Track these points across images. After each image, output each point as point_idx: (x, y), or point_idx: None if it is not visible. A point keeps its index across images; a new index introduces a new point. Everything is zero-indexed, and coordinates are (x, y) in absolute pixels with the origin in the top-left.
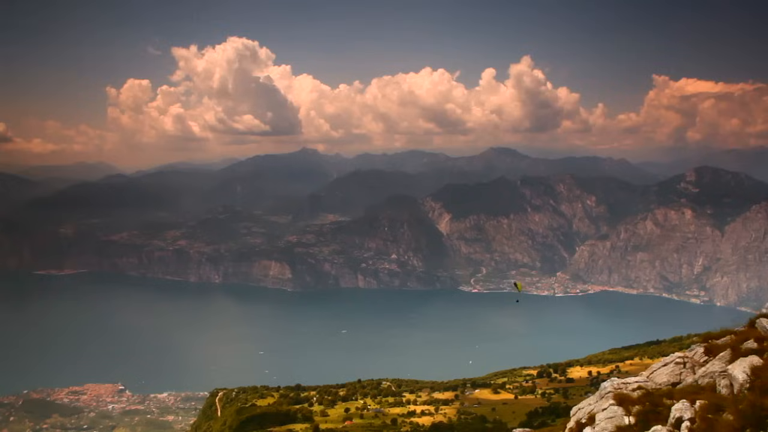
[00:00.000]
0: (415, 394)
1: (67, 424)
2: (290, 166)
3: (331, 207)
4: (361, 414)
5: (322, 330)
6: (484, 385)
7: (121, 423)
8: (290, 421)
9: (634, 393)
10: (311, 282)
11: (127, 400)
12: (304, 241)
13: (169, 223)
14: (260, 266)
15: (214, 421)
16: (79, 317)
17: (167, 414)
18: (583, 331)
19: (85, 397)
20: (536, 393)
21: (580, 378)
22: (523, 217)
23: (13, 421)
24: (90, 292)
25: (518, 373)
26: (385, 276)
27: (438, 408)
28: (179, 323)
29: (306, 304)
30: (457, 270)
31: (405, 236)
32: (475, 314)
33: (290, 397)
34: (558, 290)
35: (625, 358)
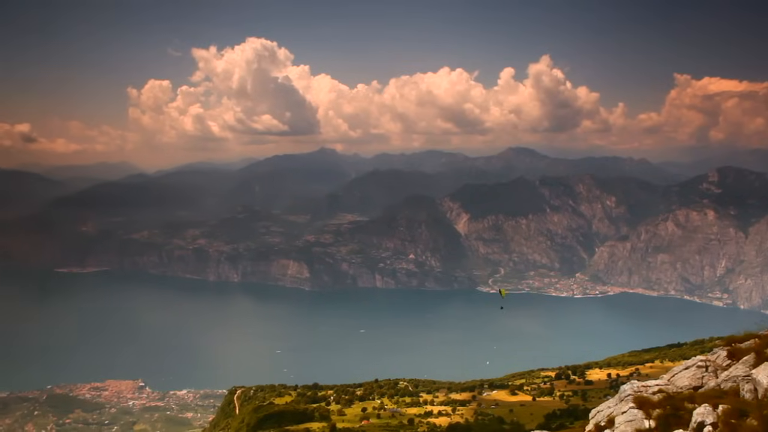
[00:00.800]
0: (432, 394)
1: (89, 419)
2: (309, 166)
3: (349, 207)
4: (378, 414)
5: (340, 329)
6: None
7: (141, 419)
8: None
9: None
10: (329, 281)
11: (147, 397)
12: (322, 240)
13: (188, 222)
14: (278, 265)
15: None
16: (101, 315)
17: (186, 411)
18: (602, 333)
19: (106, 393)
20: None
21: (599, 380)
22: (541, 218)
23: (37, 416)
24: (111, 290)
25: (536, 374)
26: (403, 276)
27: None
28: (198, 321)
29: (323, 303)
30: (475, 270)
31: (423, 236)
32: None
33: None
34: (577, 291)
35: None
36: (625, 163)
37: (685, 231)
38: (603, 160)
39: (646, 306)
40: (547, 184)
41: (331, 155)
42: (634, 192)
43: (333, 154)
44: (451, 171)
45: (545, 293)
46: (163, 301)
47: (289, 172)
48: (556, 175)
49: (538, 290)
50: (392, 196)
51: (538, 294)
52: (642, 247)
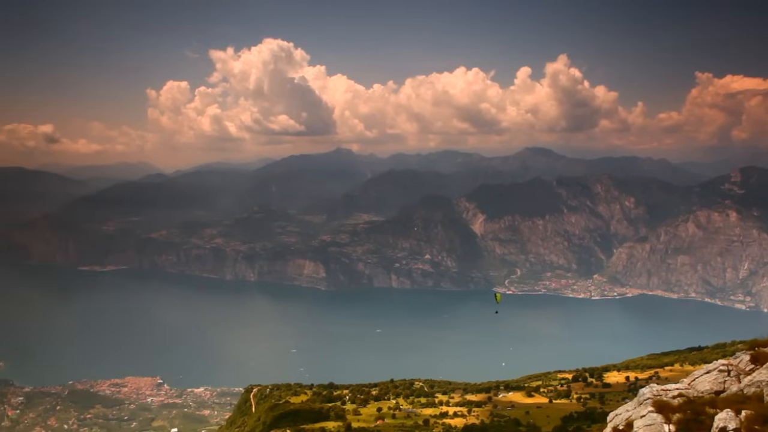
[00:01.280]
0: (447, 395)
1: (109, 414)
2: (325, 166)
3: (365, 207)
4: (393, 414)
5: (355, 329)
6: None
7: (159, 416)
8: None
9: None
10: (345, 281)
11: (166, 394)
12: (338, 240)
13: (206, 222)
14: (294, 265)
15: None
16: (121, 312)
17: (203, 408)
18: (621, 336)
19: (125, 389)
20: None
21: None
22: (558, 218)
23: (59, 410)
24: (130, 289)
25: (553, 376)
26: (419, 276)
27: (470, 410)
28: (215, 320)
29: (339, 303)
30: (491, 271)
31: (439, 236)
32: (509, 316)
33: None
34: (594, 293)
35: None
36: (644, 163)
37: (707, 232)
38: (621, 160)
39: (666, 308)
40: (564, 185)
41: (347, 155)
42: (653, 192)
43: (349, 154)
44: (467, 171)
45: (562, 294)
46: (181, 300)
47: (306, 172)
48: (573, 176)
49: (554, 291)
50: (408, 196)
51: (554, 295)
52: (661, 248)
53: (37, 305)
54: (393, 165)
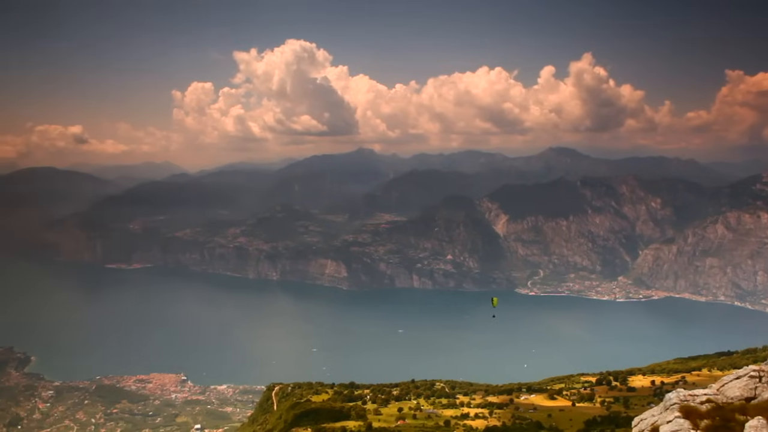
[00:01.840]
0: (469, 396)
1: (135, 410)
2: (347, 166)
3: (387, 207)
4: (414, 414)
5: (377, 329)
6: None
7: (183, 412)
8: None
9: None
10: (366, 281)
11: (189, 390)
12: (360, 240)
13: (229, 221)
14: (317, 264)
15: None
16: (146, 309)
17: (226, 405)
18: (646, 339)
19: (150, 385)
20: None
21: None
22: (583, 219)
23: (87, 404)
24: (155, 286)
25: (576, 379)
26: (441, 277)
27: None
28: (238, 318)
29: (361, 303)
30: (513, 272)
31: (461, 237)
32: (532, 317)
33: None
34: (619, 295)
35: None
36: (671, 163)
37: (737, 234)
38: (648, 161)
39: (693, 311)
40: (588, 185)
41: (369, 155)
42: (680, 193)
43: (371, 154)
44: (489, 171)
45: (586, 296)
46: (205, 298)
47: (328, 172)
48: (598, 176)
49: (578, 293)
50: (430, 196)
51: (578, 297)
52: (689, 250)
53: (66, 302)
54: (415, 165)
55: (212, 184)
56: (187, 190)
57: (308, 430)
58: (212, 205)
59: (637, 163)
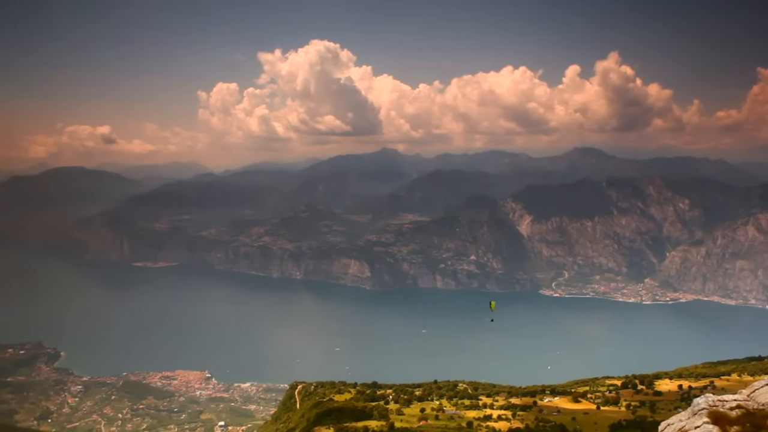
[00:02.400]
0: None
1: (160, 406)
2: (370, 166)
3: (410, 207)
4: (436, 415)
5: (399, 329)
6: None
7: (207, 409)
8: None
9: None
10: (389, 281)
11: (213, 388)
12: (384, 240)
13: (254, 221)
14: (340, 264)
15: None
16: (171, 307)
17: (249, 403)
18: (673, 342)
19: (176, 382)
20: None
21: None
22: (608, 220)
23: (114, 400)
24: (181, 285)
25: (601, 382)
26: (464, 277)
27: (515, 413)
28: (262, 317)
29: (384, 302)
30: (537, 273)
31: (484, 237)
32: (556, 319)
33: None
34: (645, 297)
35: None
36: (700, 163)
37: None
38: (676, 161)
39: (723, 315)
40: (614, 186)
41: (392, 155)
42: (710, 194)
43: (395, 154)
44: (513, 171)
45: (611, 298)
46: (229, 296)
47: (352, 172)
48: (624, 176)
49: (603, 295)
50: (454, 196)
51: (603, 299)
52: (718, 252)
53: (94, 299)
54: (439, 165)
55: (237, 183)
56: (213, 190)
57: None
58: (237, 205)
59: (664, 164)
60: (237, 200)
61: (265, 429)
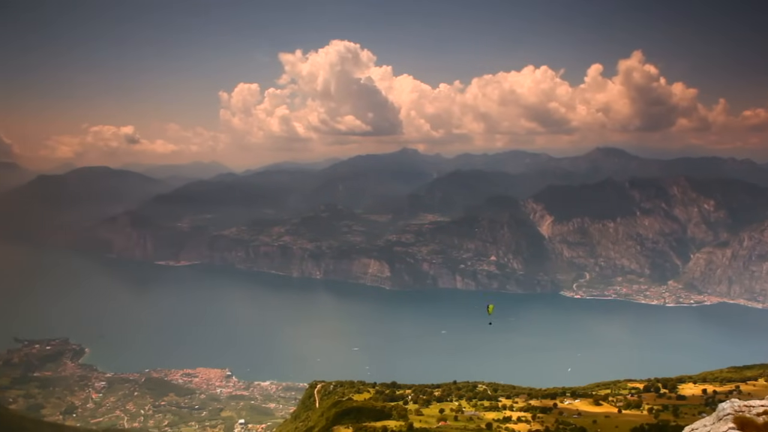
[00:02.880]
0: (511, 399)
1: (181, 403)
2: (391, 166)
3: (430, 207)
4: (455, 416)
5: (419, 329)
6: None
7: (227, 407)
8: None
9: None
10: (409, 281)
11: (234, 386)
12: (404, 240)
13: (274, 220)
14: (360, 264)
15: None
16: (193, 305)
17: (269, 401)
18: (698, 345)
19: (197, 379)
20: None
21: (692, 396)
22: (631, 221)
23: (137, 396)
24: (202, 283)
25: (622, 385)
26: (484, 278)
27: (535, 415)
28: (282, 315)
29: (403, 302)
30: (558, 274)
31: (505, 238)
32: (577, 321)
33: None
34: (669, 300)
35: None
36: (725, 163)
37: None
38: (701, 161)
39: (749, 319)
40: (637, 186)
41: (413, 155)
42: (736, 195)
43: (415, 154)
44: (534, 172)
45: (633, 300)
46: (250, 295)
47: (372, 172)
48: (647, 177)
49: (625, 297)
50: (474, 196)
51: (625, 301)
52: (745, 254)
53: (117, 296)
54: (459, 165)
55: (258, 183)
56: (234, 190)
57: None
58: (258, 204)
59: (689, 164)
60: (258, 200)
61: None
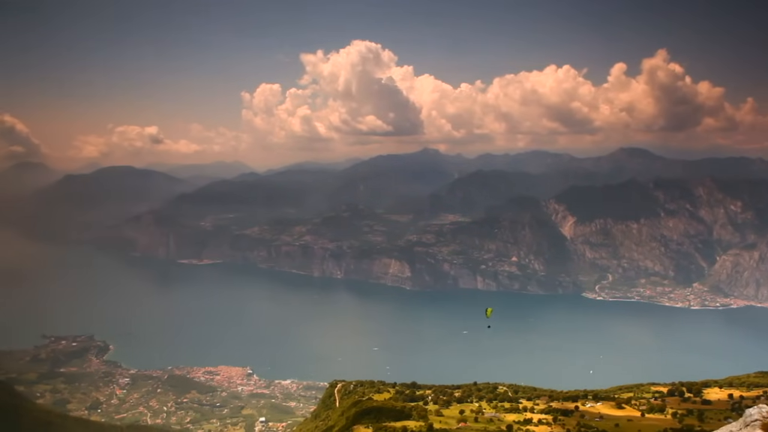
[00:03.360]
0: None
1: (203, 400)
2: (412, 166)
3: (451, 207)
4: (475, 417)
5: (439, 329)
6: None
7: (248, 405)
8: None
9: None
10: (430, 281)
11: (255, 384)
12: (424, 240)
13: (295, 220)
14: (380, 264)
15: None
16: (215, 304)
17: (290, 400)
18: (723, 349)
19: (218, 377)
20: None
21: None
22: (655, 222)
23: (159, 393)
24: (224, 282)
25: (646, 388)
26: (505, 279)
27: (556, 418)
28: (303, 315)
29: (424, 303)
30: (580, 276)
31: (526, 238)
32: (599, 322)
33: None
34: (694, 302)
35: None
36: (753, 163)
37: None
38: (728, 161)
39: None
40: (661, 187)
41: (434, 155)
42: (764, 195)
43: (436, 154)
44: (556, 172)
45: (657, 302)
46: (271, 294)
47: (393, 172)
48: (672, 177)
49: (649, 299)
50: (495, 197)
51: (649, 303)
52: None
53: (141, 294)
54: (480, 165)
55: (279, 183)
56: (256, 189)
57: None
58: (279, 204)
59: (715, 164)
60: (279, 200)
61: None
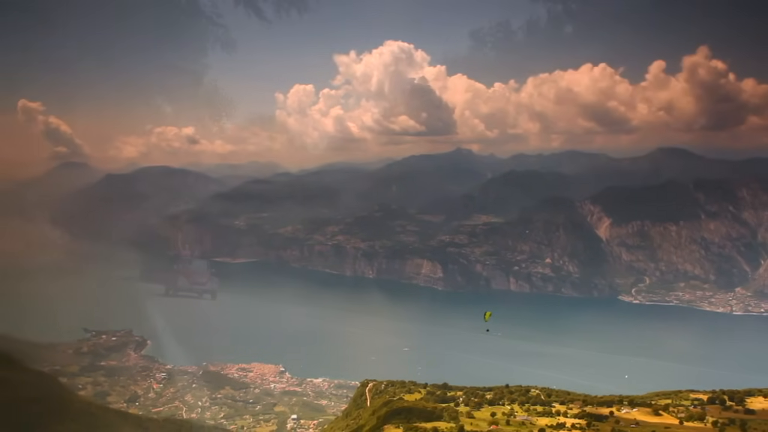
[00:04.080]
0: (565, 405)
1: (237, 396)
2: (444, 166)
3: (484, 207)
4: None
5: (471, 331)
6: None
7: (280, 402)
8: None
9: None
10: (462, 282)
11: (287, 382)
12: (457, 241)
13: (328, 219)
14: (412, 264)
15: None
16: (248, 302)
17: (321, 398)
18: None
19: (251, 374)
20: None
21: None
22: (695, 225)
23: (195, 388)
24: (258, 280)
25: (684, 395)
26: (538, 280)
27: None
28: (334, 314)
29: (456, 303)
30: (616, 278)
31: (560, 240)
32: (636, 326)
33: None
34: (736, 308)
35: None
36: None
37: None
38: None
39: None
40: (702, 188)
41: (467, 155)
42: None
43: (469, 154)
44: (592, 172)
45: (697, 307)
46: (304, 293)
47: (425, 172)
48: (714, 178)
49: (688, 303)
50: (529, 197)
51: (688, 307)
52: None
53: None
54: (513, 165)
55: (312, 182)
56: (289, 189)
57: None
58: (312, 204)
59: (760, 164)
60: (312, 199)
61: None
